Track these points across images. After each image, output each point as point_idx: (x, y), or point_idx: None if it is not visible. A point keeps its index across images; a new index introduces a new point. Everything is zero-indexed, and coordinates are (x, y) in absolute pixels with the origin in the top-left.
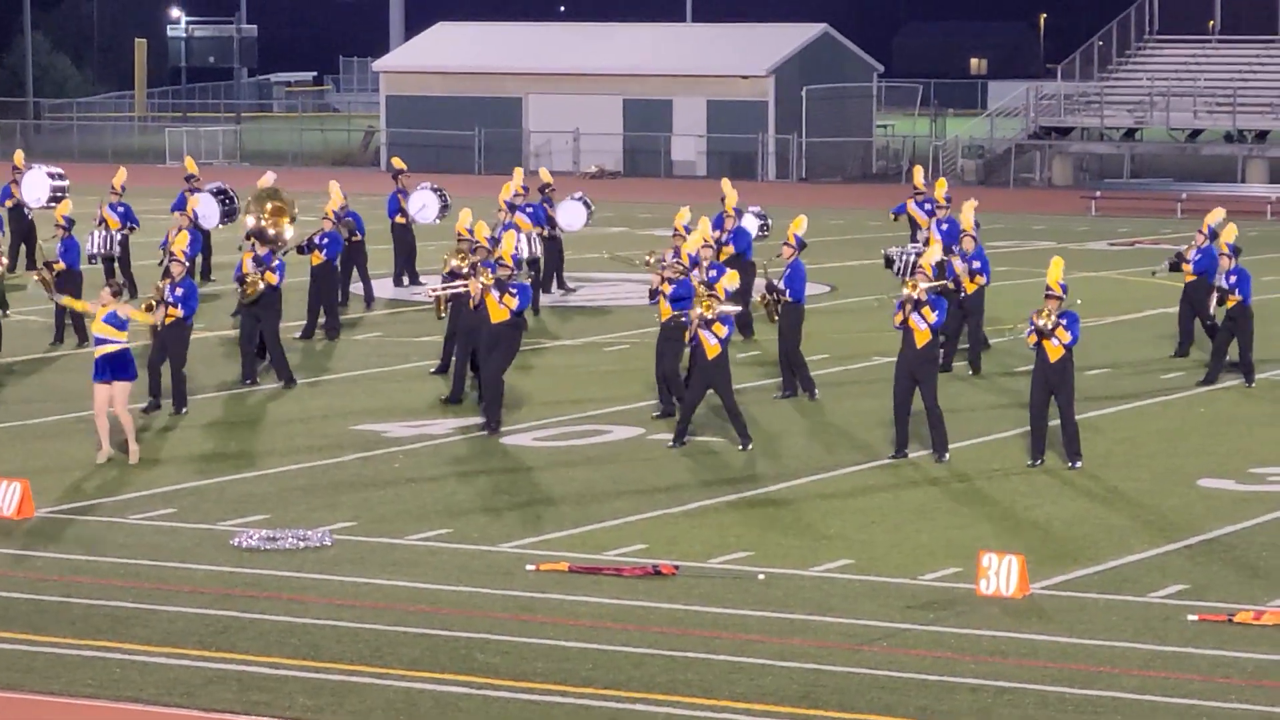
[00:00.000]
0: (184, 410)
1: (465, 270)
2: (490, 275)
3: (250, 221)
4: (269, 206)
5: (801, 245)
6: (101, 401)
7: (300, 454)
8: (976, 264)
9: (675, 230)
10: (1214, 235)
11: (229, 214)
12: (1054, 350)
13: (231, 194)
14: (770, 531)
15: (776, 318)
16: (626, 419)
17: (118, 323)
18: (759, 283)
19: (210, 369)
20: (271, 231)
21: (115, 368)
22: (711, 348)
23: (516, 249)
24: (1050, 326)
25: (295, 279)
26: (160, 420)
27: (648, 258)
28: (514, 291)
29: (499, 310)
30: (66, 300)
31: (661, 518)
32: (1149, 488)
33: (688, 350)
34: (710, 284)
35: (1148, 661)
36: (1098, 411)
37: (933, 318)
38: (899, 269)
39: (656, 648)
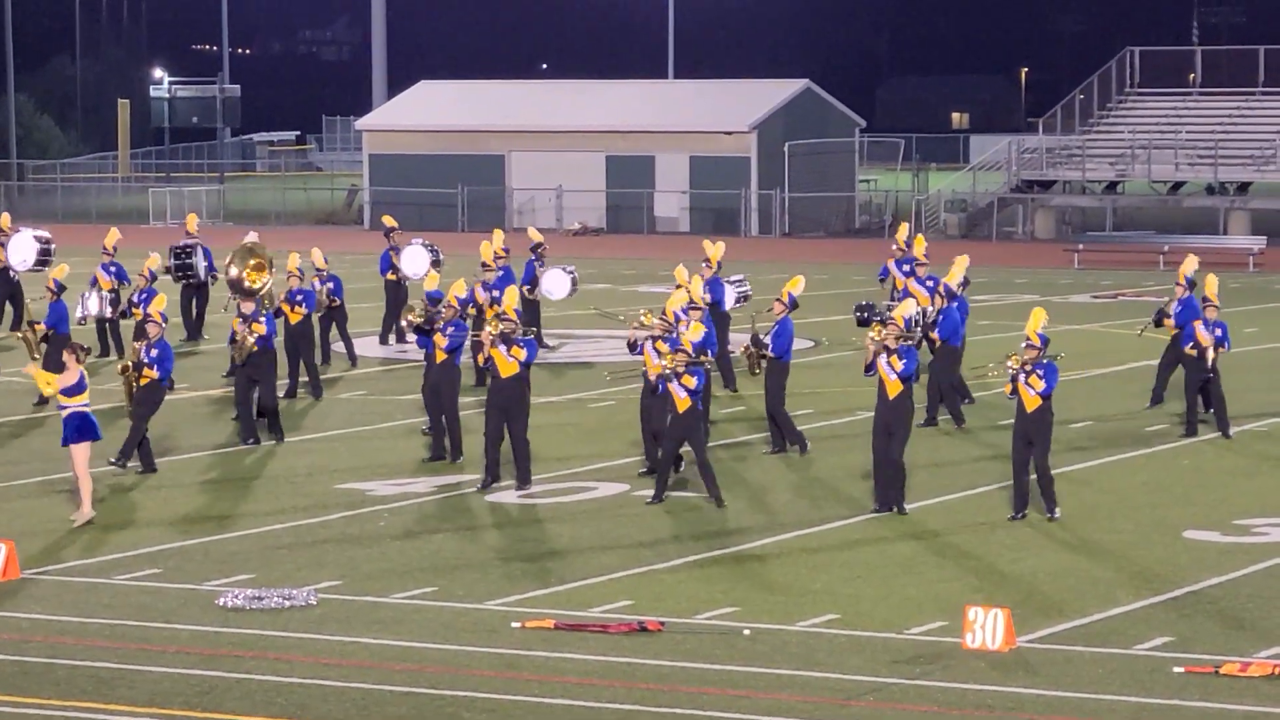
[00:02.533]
0: (124, 463)
1: (419, 322)
2: (496, 325)
3: (233, 272)
4: (251, 262)
5: (794, 305)
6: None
7: (285, 513)
8: (940, 317)
9: (679, 284)
10: (1191, 284)
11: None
12: (1031, 400)
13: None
14: (756, 586)
15: (757, 371)
16: (611, 475)
17: (67, 390)
18: (737, 335)
19: (195, 429)
20: (248, 284)
21: (73, 432)
22: (681, 401)
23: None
24: (1020, 371)
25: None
26: (146, 480)
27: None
28: (521, 344)
29: (507, 364)
30: (34, 372)
31: (647, 574)
32: (1134, 540)
33: None
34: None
35: (1135, 714)
36: (1082, 464)
37: (900, 366)
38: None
39: (643, 704)
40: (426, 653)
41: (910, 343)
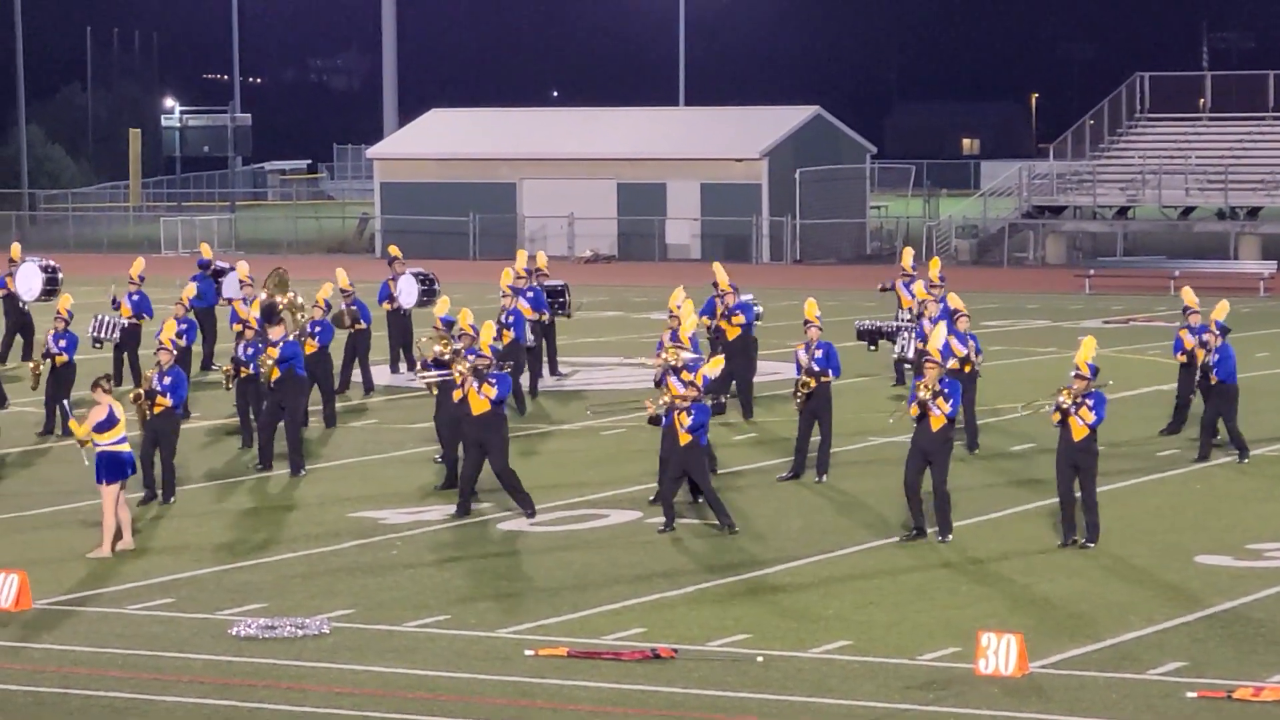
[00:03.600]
0: (171, 500)
1: (447, 357)
2: (468, 362)
3: (263, 297)
4: (288, 294)
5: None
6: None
7: (297, 542)
8: (972, 344)
9: (670, 311)
10: (1186, 312)
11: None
12: (1078, 429)
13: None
14: (768, 613)
15: (802, 407)
16: (624, 503)
17: (99, 425)
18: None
19: (206, 458)
20: (281, 308)
21: (98, 469)
22: (683, 435)
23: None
24: (1070, 405)
25: None
26: (153, 510)
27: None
28: (493, 381)
29: (479, 401)
30: (75, 430)
31: (659, 601)
32: (1147, 564)
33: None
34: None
35: None
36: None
37: (947, 407)
38: (900, 353)
39: None
40: (440, 681)
41: (965, 371)
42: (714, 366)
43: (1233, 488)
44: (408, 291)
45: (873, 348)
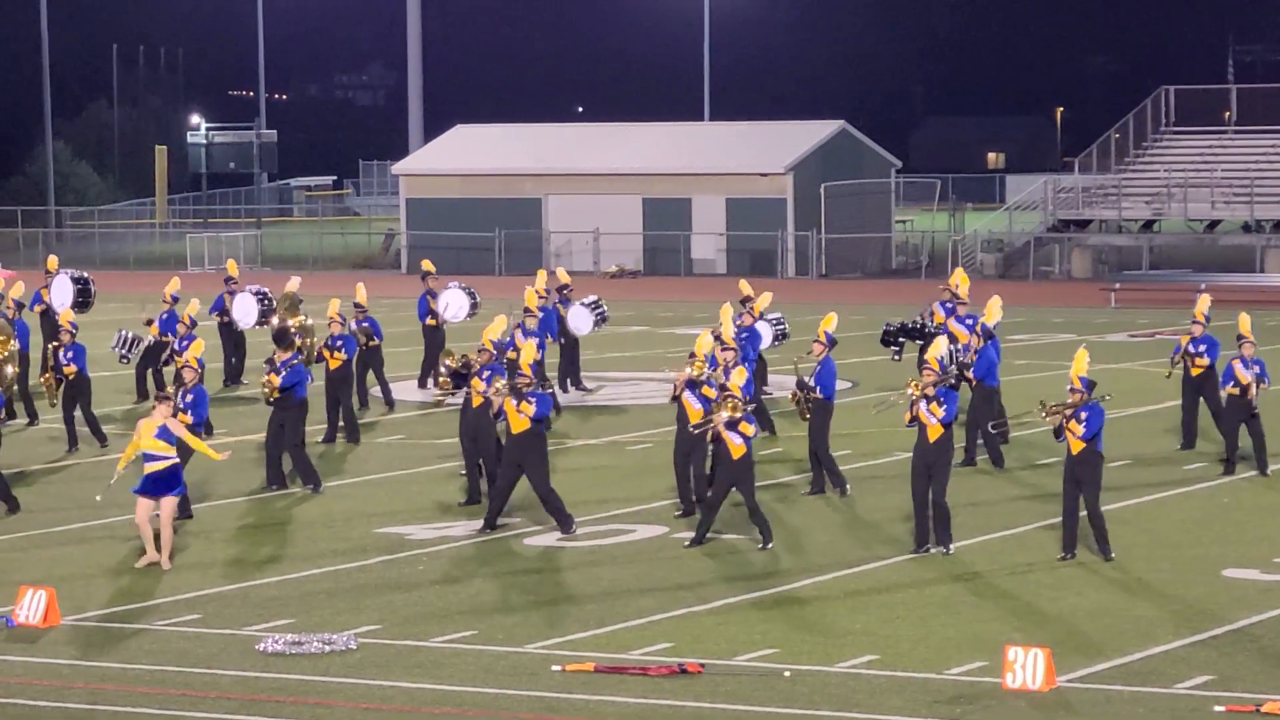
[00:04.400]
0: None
1: (456, 368)
2: (504, 382)
3: (275, 322)
4: (299, 317)
5: (832, 342)
6: (144, 511)
7: (324, 557)
8: (973, 356)
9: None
10: (1207, 321)
11: (265, 314)
12: (1075, 443)
13: (270, 296)
14: (795, 628)
15: (807, 417)
16: (650, 518)
17: (168, 437)
18: (776, 378)
19: (232, 474)
20: (294, 332)
21: (162, 484)
22: (737, 448)
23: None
24: (1049, 417)
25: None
26: (184, 525)
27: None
28: (532, 400)
29: (518, 419)
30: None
31: (686, 616)
32: (1173, 578)
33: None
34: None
35: None
36: (1120, 503)
37: (940, 413)
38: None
39: None
40: (466, 696)
41: (948, 383)
42: (740, 376)
43: (1260, 501)
44: (457, 303)
45: (897, 358)
